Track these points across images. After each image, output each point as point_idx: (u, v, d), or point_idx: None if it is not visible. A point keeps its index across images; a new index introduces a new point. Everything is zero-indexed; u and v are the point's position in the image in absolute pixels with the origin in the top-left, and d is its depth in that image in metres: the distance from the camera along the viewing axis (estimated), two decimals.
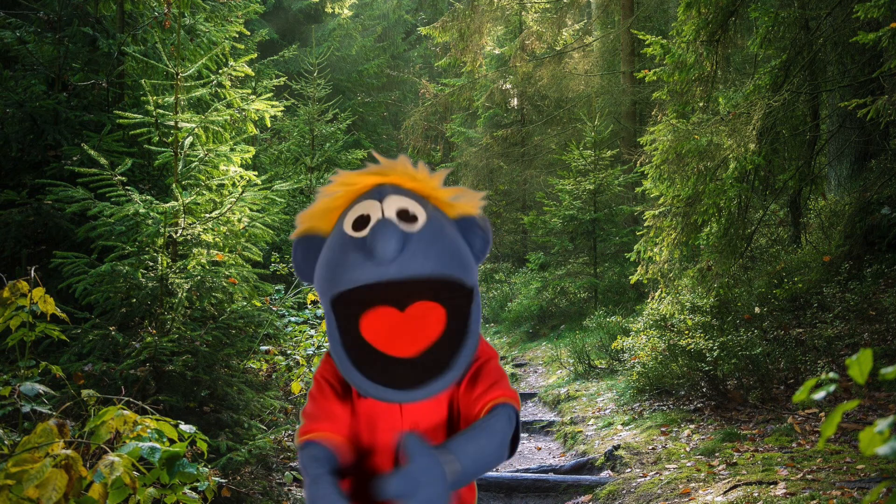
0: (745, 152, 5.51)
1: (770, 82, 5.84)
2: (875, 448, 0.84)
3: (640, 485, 4.12)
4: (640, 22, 12.60)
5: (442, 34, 13.18)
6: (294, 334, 5.09)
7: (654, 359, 5.81)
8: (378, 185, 1.30)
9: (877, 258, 6.09)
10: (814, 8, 6.21)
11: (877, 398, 4.58)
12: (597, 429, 5.76)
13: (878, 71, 5.27)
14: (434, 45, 18.97)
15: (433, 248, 1.21)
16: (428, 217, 1.25)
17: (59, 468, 1.86)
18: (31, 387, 2.32)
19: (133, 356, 3.57)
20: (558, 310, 11.24)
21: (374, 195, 1.27)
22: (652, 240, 6.24)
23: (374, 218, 1.22)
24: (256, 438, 3.82)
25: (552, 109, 14.58)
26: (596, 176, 10.72)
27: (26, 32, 4.82)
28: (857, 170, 7.35)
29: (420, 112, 15.09)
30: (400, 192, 1.27)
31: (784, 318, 5.93)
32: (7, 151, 4.52)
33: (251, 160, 5.37)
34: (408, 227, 1.22)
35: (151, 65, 4.90)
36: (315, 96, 10.25)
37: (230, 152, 4.52)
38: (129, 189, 4.08)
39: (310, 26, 16.43)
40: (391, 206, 1.24)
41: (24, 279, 2.52)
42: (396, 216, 1.23)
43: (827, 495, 3.20)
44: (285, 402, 4.55)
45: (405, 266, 1.18)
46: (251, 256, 4.52)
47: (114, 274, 3.80)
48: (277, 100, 5.32)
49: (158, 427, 2.27)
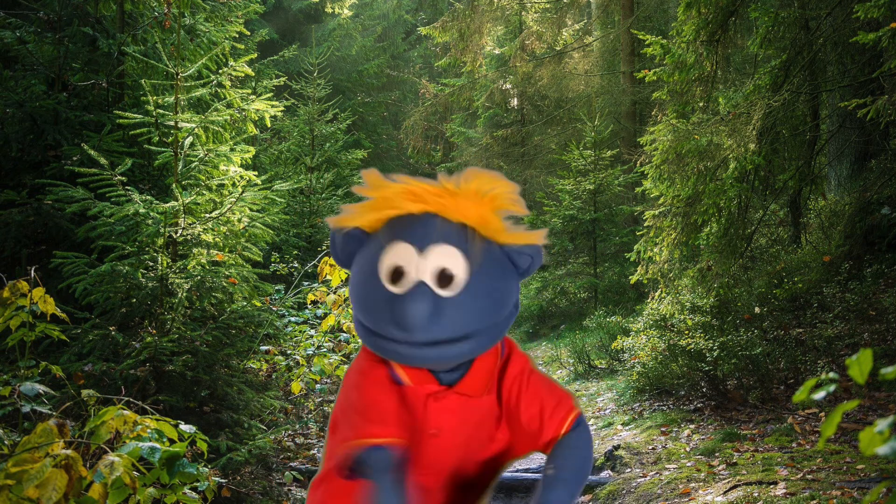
0: (745, 152, 5.51)
1: (770, 82, 5.84)
2: (875, 448, 0.84)
3: (640, 485, 4.12)
4: (640, 22, 12.60)
5: (442, 34, 13.18)
6: (294, 334, 5.09)
7: (654, 359, 5.81)
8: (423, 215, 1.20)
9: (877, 258, 6.09)
10: (814, 8, 6.21)
11: (877, 398, 4.58)
12: (597, 429, 5.76)
13: (878, 71, 5.27)
14: (434, 45, 18.96)
15: (465, 314, 1.17)
16: (468, 277, 1.17)
17: (59, 468, 1.86)
18: (31, 387, 2.32)
19: (133, 356, 3.57)
20: (558, 310, 11.24)
21: (415, 239, 1.18)
22: (652, 240, 6.24)
23: (410, 279, 1.16)
24: (256, 438, 3.82)
25: (552, 109, 14.57)
26: (596, 176, 10.72)
27: (26, 32, 4.82)
28: (857, 170, 7.35)
29: (420, 112, 15.09)
30: (446, 239, 1.18)
31: (784, 318, 5.93)
32: (7, 151, 4.52)
33: (251, 160, 5.37)
34: (443, 291, 1.16)
35: (151, 65, 4.90)
36: (315, 96, 10.25)
37: (230, 152, 4.52)
38: (129, 189, 4.08)
39: (310, 26, 16.42)
40: (430, 262, 1.16)
41: (24, 279, 2.52)
42: (432, 278, 1.16)
43: (827, 495, 3.20)
44: (285, 402, 4.55)
45: (431, 334, 1.15)
46: (251, 256, 4.52)
47: (114, 274, 3.80)
48: (277, 100, 5.32)
49: (158, 427, 2.27)
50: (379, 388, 1.26)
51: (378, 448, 1.19)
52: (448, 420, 1.28)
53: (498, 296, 1.22)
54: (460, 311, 1.16)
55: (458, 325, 1.16)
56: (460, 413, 1.28)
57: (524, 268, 1.27)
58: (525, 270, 1.27)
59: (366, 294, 1.21)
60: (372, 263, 1.20)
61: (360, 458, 1.20)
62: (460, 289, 1.17)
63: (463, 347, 1.19)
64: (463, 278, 1.17)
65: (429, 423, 1.27)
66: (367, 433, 1.20)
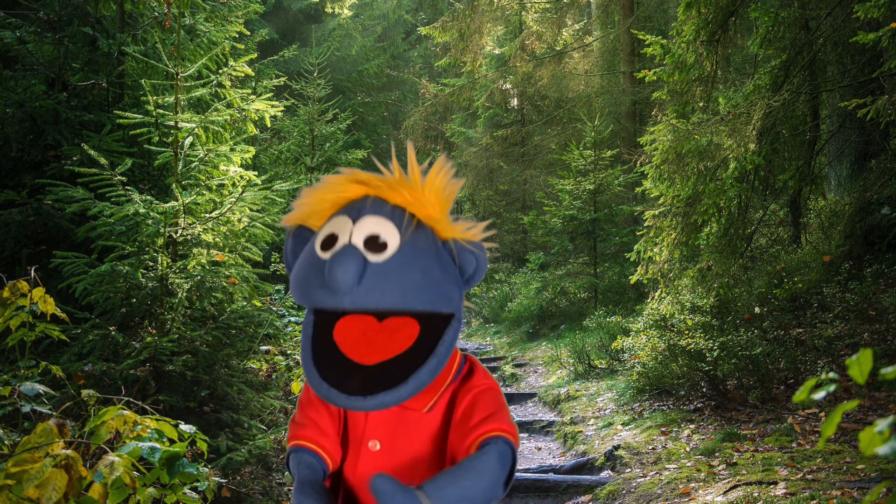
0: (745, 152, 5.51)
1: (770, 82, 5.85)
2: (875, 448, 0.84)
3: (640, 485, 4.12)
4: (640, 22, 12.60)
5: (442, 34, 13.18)
6: (294, 334, 5.09)
7: (654, 359, 5.81)
8: (363, 197, 1.22)
9: (877, 258, 6.09)
10: (814, 8, 6.21)
11: (877, 398, 4.58)
12: (597, 429, 5.76)
13: (878, 71, 5.27)
14: (434, 45, 18.98)
15: (395, 282, 1.12)
16: (400, 245, 1.15)
17: (59, 468, 1.87)
18: (31, 387, 2.32)
19: (133, 356, 3.57)
20: (558, 310, 11.24)
21: (352, 211, 1.19)
22: (652, 240, 6.24)
23: (341, 242, 1.15)
24: (256, 438, 3.82)
25: (552, 109, 14.58)
26: (596, 176, 10.73)
27: (26, 32, 4.83)
28: (857, 170, 7.35)
29: (420, 112, 15.10)
30: (380, 212, 1.18)
31: (784, 318, 5.93)
32: (7, 151, 4.52)
33: (251, 160, 5.38)
34: (373, 256, 1.13)
35: (151, 65, 4.90)
36: (315, 96, 10.25)
37: (230, 152, 4.52)
38: (129, 189, 4.08)
39: (310, 26, 16.43)
40: (362, 229, 1.16)
41: (24, 279, 2.52)
42: (364, 243, 1.14)
43: (827, 495, 3.20)
44: (285, 402, 4.54)
45: (360, 298, 1.11)
46: (251, 256, 4.52)
47: (114, 274, 3.80)
48: (277, 100, 5.32)
49: (158, 427, 2.27)
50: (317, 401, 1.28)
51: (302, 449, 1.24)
52: (387, 433, 1.26)
53: (430, 278, 1.15)
54: (383, 277, 1.12)
55: (383, 292, 1.11)
56: (402, 426, 1.26)
57: (469, 272, 1.23)
58: (470, 276, 1.23)
59: (302, 270, 1.19)
60: (311, 244, 1.21)
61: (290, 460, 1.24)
62: (389, 256, 1.14)
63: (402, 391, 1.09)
64: (393, 248, 1.14)
65: (369, 435, 1.26)
66: (295, 436, 1.26)
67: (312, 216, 1.25)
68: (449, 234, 1.22)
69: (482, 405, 1.23)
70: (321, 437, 1.26)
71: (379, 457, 1.26)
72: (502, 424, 1.20)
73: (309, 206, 1.25)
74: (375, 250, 1.14)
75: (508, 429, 1.21)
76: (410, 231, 1.17)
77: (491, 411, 1.22)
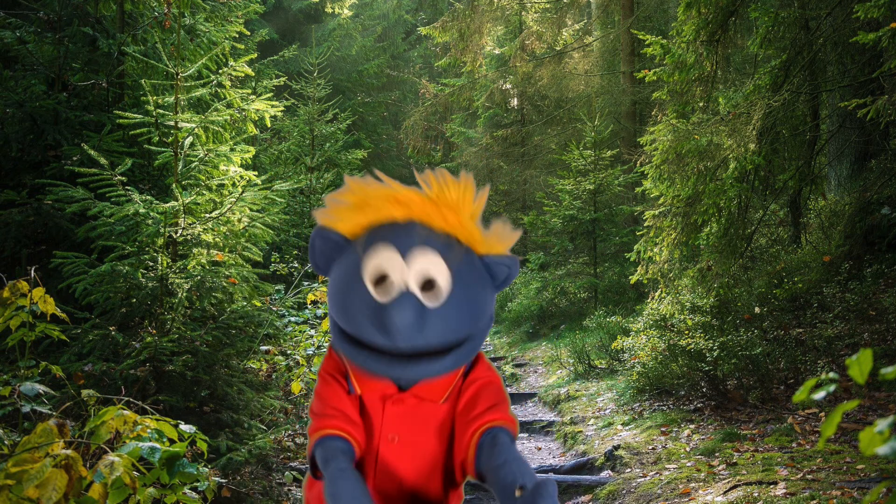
0: (745, 152, 5.51)
1: (770, 82, 5.84)
2: (875, 448, 0.84)
3: (640, 485, 4.12)
4: (640, 22, 12.60)
5: (442, 34, 13.18)
6: (294, 334, 5.09)
7: (654, 359, 5.81)
8: (407, 222, 1.22)
9: (877, 258, 6.09)
10: (814, 8, 6.21)
11: (877, 398, 4.58)
12: (597, 429, 5.76)
13: (878, 71, 5.27)
14: (434, 45, 18.97)
15: (451, 323, 1.19)
16: (452, 287, 1.19)
17: (59, 468, 1.86)
18: (31, 387, 2.32)
19: (133, 356, 3.57)
20: (558, 310, 11.24)
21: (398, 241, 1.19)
22: (652, 240, 6.24)
23: (397, 288, 1.17)
24: (256, 438, 3.82)
25: (552, 109, 14.58)
26: (596, 176, 10.73)
27: (26, 32, 4.83)
28: (857, 170, 7.35)
29: (420, 112, 15.10)
30: (427, 243, 1.19)
31: (784, 318, 5.93)
32: (7, 151, 4.52)
33: (251, 160, 5.38)
34: (429, 300, 1.17)
35: (151, 65, 4.90)
36: (315, 96, 10.25)
37: (230, 152, 4.52)
38: (129, 189, 4.08)
39: (310, 26, 16.43)
40: (416, 270, 1.17)
41: (24, 279, 2.52)
42: (419, 287, 1.17)
43: (827, 495, 3.20)
44: (285, 402, 4.55)
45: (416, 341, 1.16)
46: (251, 256, 4.52)
47: (114, 274, 3.80)
48: (277, 100, 5.32)
49: (158, 427, 2.27)
50: (340, 391, 1.29)
51: (333, 437, 1.23)
52: (406, 425, 1.28)
53: (477, 307, 1.23)
54: (443, 321, 1.18)
55: (440, 334, 1.18)
56: (418, 418, 1.29)
57: (501, 279, 1.28)
58: (502, 282, 1.28)
59: (349, 300, 1.20)
60: (355, 268, 1.21)
61: (318, 449, 1.22)
62: (444, 298, 1.18)
63: (445, 363, 1.19)
64: (445, 287, 1.19)
65: (387, 429, 1.28)
66: (324, 426, 1.25)
67: (345, 223, 1.25)
68: (484, 250, 1.26)
69: (485, 397, 1.28)
70: (349, 425, 1.26)
71: (398, 449, 1.29)
72: (504, 416, 1.26)
73: (345, 217, 1.25)
74: (430, 293, 1.18)
75: (510, 420, 1.26)
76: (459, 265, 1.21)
77: (494, 402, 1.27)
